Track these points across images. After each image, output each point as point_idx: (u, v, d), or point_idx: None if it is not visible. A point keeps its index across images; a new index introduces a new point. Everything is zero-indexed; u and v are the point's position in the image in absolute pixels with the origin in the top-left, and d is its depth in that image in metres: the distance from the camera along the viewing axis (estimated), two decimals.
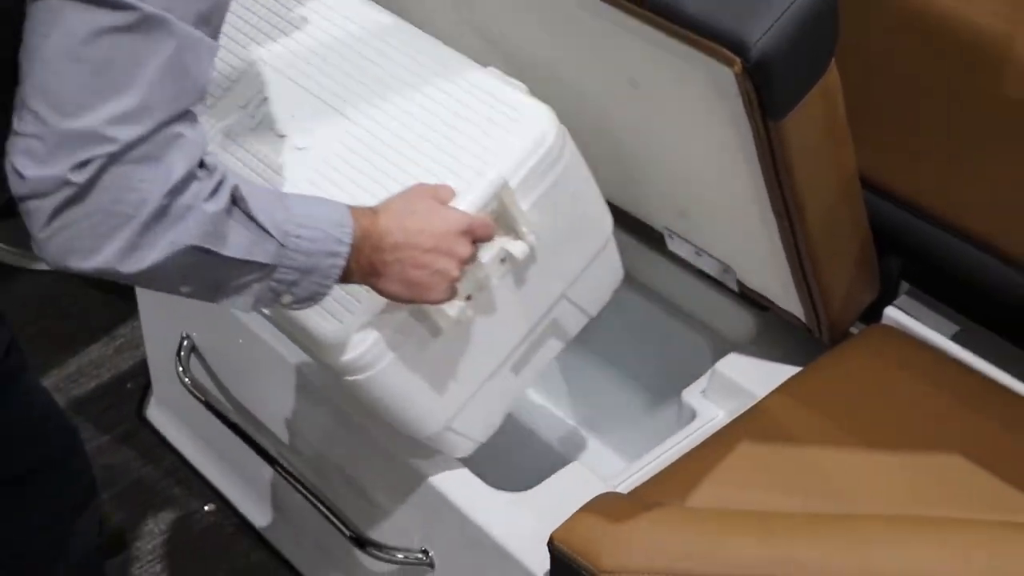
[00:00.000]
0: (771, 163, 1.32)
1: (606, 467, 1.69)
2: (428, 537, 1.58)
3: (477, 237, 1.31)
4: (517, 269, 1.44)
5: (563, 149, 1.42)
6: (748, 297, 1.66)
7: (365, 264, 1.23)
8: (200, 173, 1.07)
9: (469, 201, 1.32)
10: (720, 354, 1.66)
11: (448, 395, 1.47)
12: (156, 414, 2.10)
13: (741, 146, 1.33)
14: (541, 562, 1.37)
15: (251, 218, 1.12)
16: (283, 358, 1.68)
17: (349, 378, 1.40)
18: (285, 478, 1.74)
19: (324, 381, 1.64)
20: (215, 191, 1.09)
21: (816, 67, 1.27)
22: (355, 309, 1.35)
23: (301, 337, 1.43)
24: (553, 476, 1.50)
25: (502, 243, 1.39)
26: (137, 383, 2.16)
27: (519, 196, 1.38)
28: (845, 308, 1.57)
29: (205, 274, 1.13)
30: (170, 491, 2.03)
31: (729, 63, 1.21)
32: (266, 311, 1.46)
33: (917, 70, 1.46)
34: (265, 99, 1.48)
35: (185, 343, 1.87)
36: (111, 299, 2.29)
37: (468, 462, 1.54)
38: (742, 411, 1.53)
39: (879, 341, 1.59)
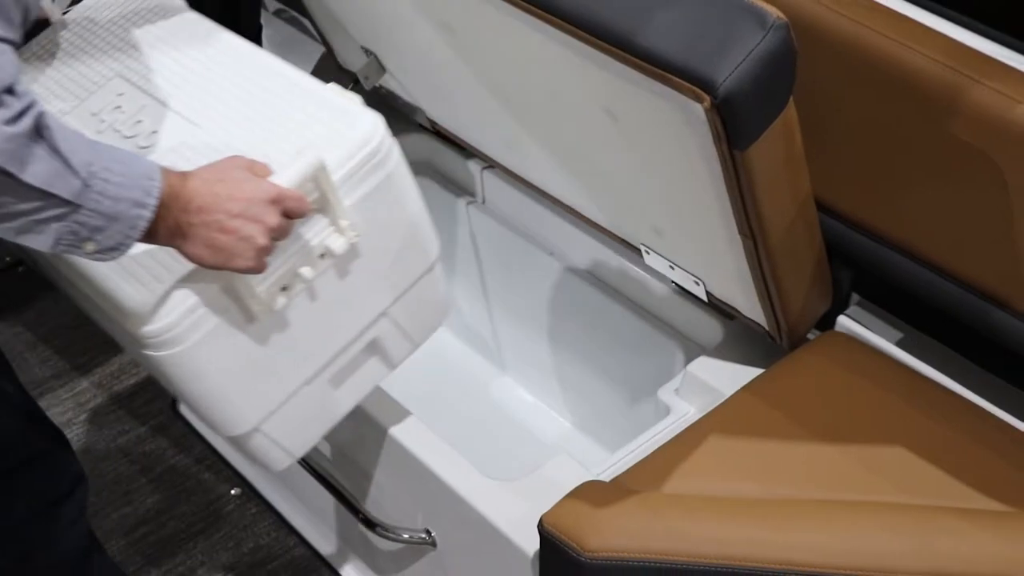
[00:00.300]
0: (736, 188, 1.32)
1: (590, 458, 1.68)
2: (431, 519, 1.58)
3: (288, 209, 1.19)
4: (337, 270, 1.32)
5: (388, 157, 1.33)
6: (716, 306, 1.66)
7: (172, 224, 1.13)
8: (5, 98, 1.01)
9: (285, 177, 1.20)
10: (691, 357, 1.66)
11: (260, 392, 1.34)
12: (188, 408, 2.09)
13: (710, 173, 1.33)
14: (531, 542, 1.37)
15: (55, 150, 1.05)
16: None
17: (154, 354, 1.24)
18: (303, 466, 1.75)
19: None
20: (19, 115, 1.02)
21: (776, 104, 1.27)
22: (165, 278, 1.22)
23: (108, 306, 1.27)
24: (543, 466, 1.50)
25: (322, 237, 1.28)
26: None
27: (342, 193, 1.27)
28: (802, 316, 1.57)
29: (3, 200, 1.04)
30: (200, 476, 2.03)
31: (699, 100, 1.20)
32: (76, 262, 1.29)
33: (864, 107, 1.46)
34: (118, 107, 1.40)
35: None
36: None
37: (466, 453, 1.53)
38: (711, 408, 1.52)
39: (832, 346, 1.58)
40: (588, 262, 1.86)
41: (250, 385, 1.32)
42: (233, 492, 1.97)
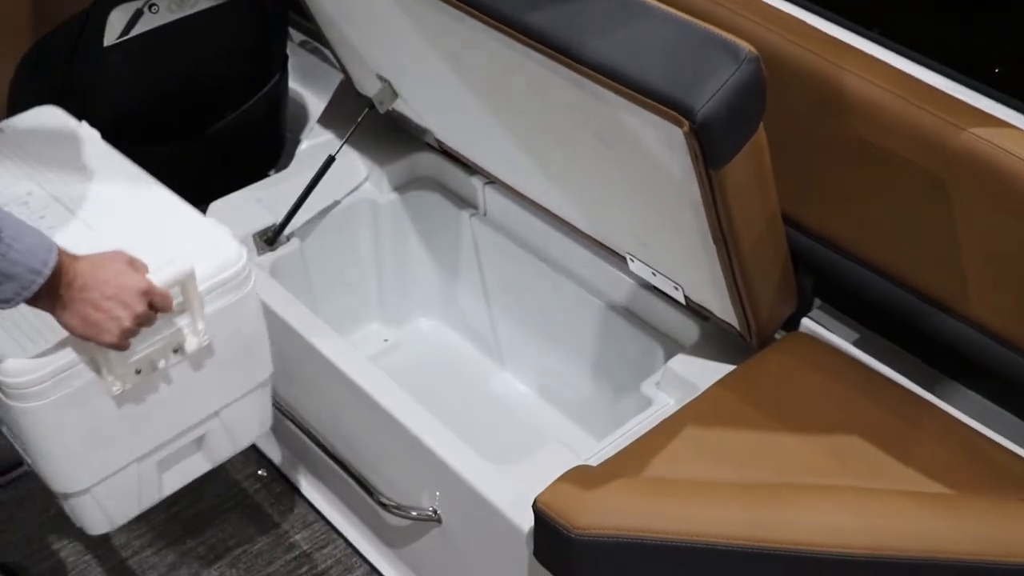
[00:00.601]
0: (712, 203, 1.32)
1: (580, 445, 1.68)
2: (437, 499, 1.57)
3: (154, 303, 1.24)
4: (185, 366, 1.37)
5: (246, 282, 1.39)
6: (693, 309, 1.65)
7: (55, 294, 1.18)
8: None
9: (159, 276, 1.26)
10: (671, 354, 1.66)
11: (98, 458, 1.35)
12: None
13: (688, 190, 1.33)
14: (527, 520, 1.37)
15: None
16: (320, 354, 1.67)
17: (14, 404, 1.27)
18: (322, 450, 1.74)
19: (353, 374, 1.63)
20: None
21: (748, 128, 1.28)
22: (39, 340, 1.26)
23: None
24: (537, 452, 1.49)
25: (179, 335, 1.34)
26: None
27: (207, 298, 1.34)
28: (770, 318, 1.57)
29: None
30: (232, 459, 2.01)
31: (679, 125, 1.21)
32: None
33: (825, 131, 1.46)
34: (24, 203, 1.45)
35: None
36: None
37: (468, 440, 1.52)
38: (688, 400, 1.52)
39: (796, 345, 1.58)
40: (579, 269, 1.85)
41: (91, 450, 1.34)
42: (260, 472, 1.96)
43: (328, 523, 1.87)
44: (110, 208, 1.45)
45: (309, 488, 1.91)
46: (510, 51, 1.37)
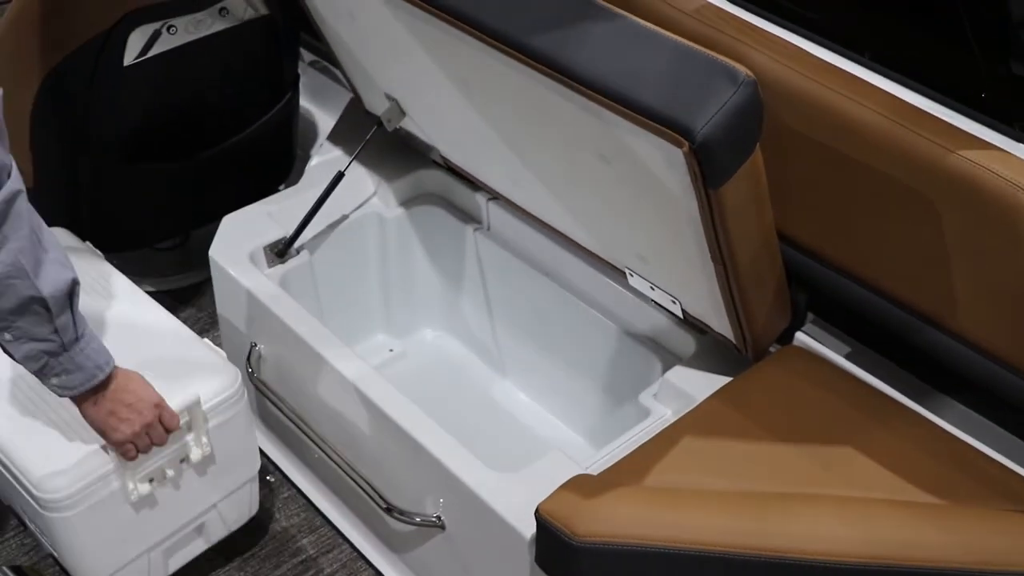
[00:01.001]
0: (710, 220, 1.33)
1: (580, 453, 1.68)
2: (441, 506, 1.57)
3: (164, 419, 1.45)
4: (190, 472, 1.58)
5: (240, 399, 1.60)
6: (690, 322, 1.66)
7: (96, 392, 1.38)
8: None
9: (172, 402, 1.48)
10: (668, 366, 1.66)
11: (116, 553, 1.56)
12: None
13: (687, 208, 1.34)
14: (529, 527, 1.38)
15: (74, 310, 1.32)
16: (328, 363, 1.67)
17: (45, 513, 1.46)
18: (328, 456, 1.75)
19: (360, 383, 1.64)
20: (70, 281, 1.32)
21: (745, 149, 1.28)
22: (68, 461, 1.45)
23: (17, 476, 1.48)
24: (539, 460, 1.49)
25: (185, 447, 1.54)
26: None
27: (209, 416, 1.55)
28: (765, 332, 1.57)
29: (29, 323, 1.28)
30: None
31: (679, 145, 1.22)
32: None
33: (820, 153, 1.47)
34: None
35: (254, 350, 1.87)
36: (198, 315, 2.29)
37: (471, 448, 1.53)
38: (685, 411, 1.53)
39: (791, 359, 1.59)
40: (579, 282, 1.86)
41: (110, 547, 1.55)
42: (269, 478, 1.96)
43: (334, 528, 1.87)
44: (117, 333, 1.63)
45: (315, 493, 1.91)
46: (515, 72, 1.38)
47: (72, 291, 1.32)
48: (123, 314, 1.67)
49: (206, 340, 1.65)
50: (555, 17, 1.31)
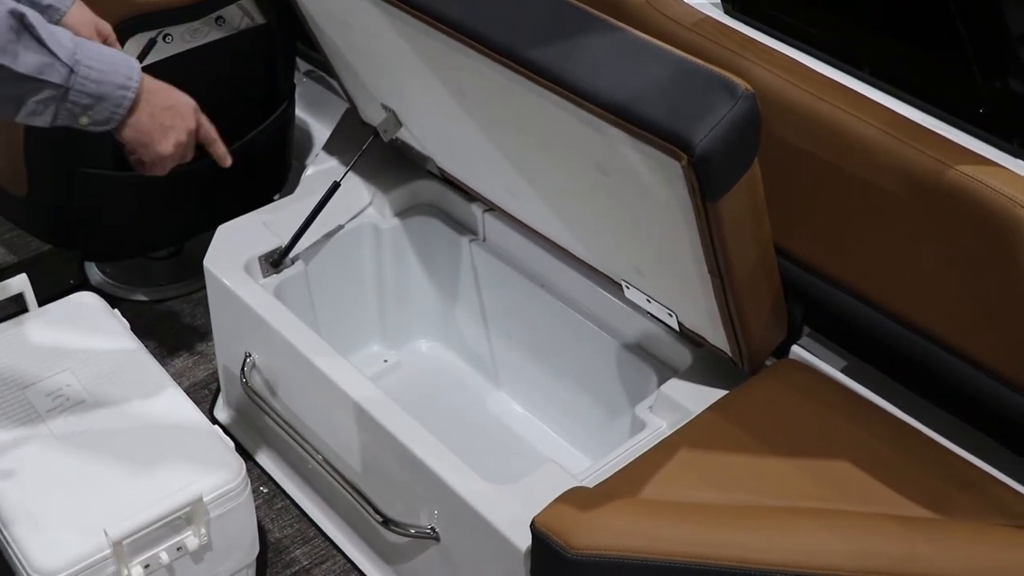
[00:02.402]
0: (707, 233, 1.32)
1: (576, 465, 1.67)
2: (435, 518, 1.56)
3: (201, 122, 1.32)
4: (187, 559, 1.59)
5: (244, 491, 1.61)
6: (686, 335, 1.66)
7: (132, 112, 1.22)
8: None
9: (176, 499, 1.52)
10: (664, 378, 1.65)
11: None
12: (222, 413, 2.08)
13: (685, 220, 1.34)
14: (524, 540, 1.37)
15: (41, 43, 1.11)
16: (322, 373, 1.66)
17: None
18: (322, 467, 1.74)
19: (354, 393, 1.63)
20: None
21: (743, 163, 1.28)
22: (66, 551, 1.47)
23: (20, 555, 1.49)
24: (534, 472, 1.48)
25: (184, 538, 1.56)
26: (210, 388, 2.15)
27: (209, 508, 1.56)
28: (761, 345, 1.57)
29: (4, 87, 1.11)
30: None
31: (678, 158, 1.21)
32: None
33: (818, 167, 1.47)
34: (72, 411, 1.67)
35: (248, 359, 1.86)
36: (193, 324, 2.28)
37: (466, 459, 1.52)
38: (681, 424, 1.52)
39: (787, 372, 1.58)
40: (575, 294, 1.86)
41: None
42: (261, 489, 1.95)
43: (328, 539, 1.86)
44: (131, 412, 1.67)
45: (309, 504, 1.90)
46: (513, 84, 1.37)
47: (15, 17, 1.10)
48: (141, 395, 1.70)
49: (217, 428, 1.66)
50: (553, 29, 1.31)
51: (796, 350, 1.61)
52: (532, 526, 1.32)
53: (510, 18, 1.34)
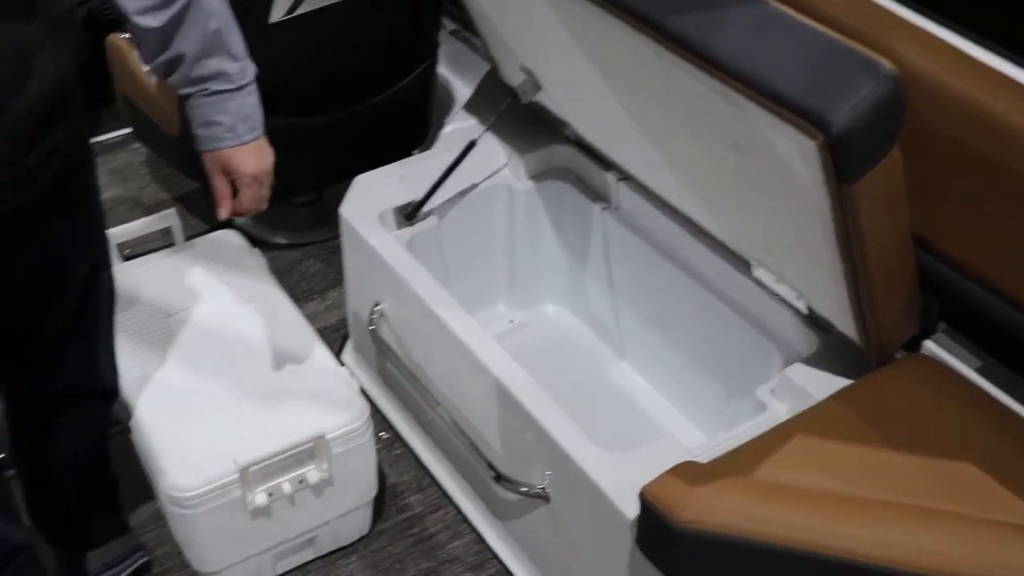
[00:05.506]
0: (841, 218, 1.31)
1: (691, 440, 1.68)
2: (547, 479, 1.60)
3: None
4: (308, 492, 1.68)
5: (366, 432, 1.69)
6: (814, 319, 1.64)
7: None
8: None
9: (298, 435, 1.62)
10: (788, 362, 1.64)
11: (229, 552, 1.69)
12: (350, 358, 2.16)
13: (818, 203, 1.32)
14: (632, 508, 1.39)
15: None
16: (448, 328, 1.71)
17: (174, 509, 1.61)
18: (441, 419, 1.79)
19: (478, 350, 1.67)
20: None
21: (882, 145, 1.26)
22: (201, 472, 1.59)
23: (158, 472, 1.62)
24: (649, 443, 1.50)
25: (306, 471, 1.65)
26: (339, 333, 2.22)
27: (331, 446, 1.64)
28: (891, 337, 1.53)
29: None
30: None
31: (813, 136, 1.20)
32: None
33: (965, 155, 1.42)
34: (205, 341, 1.80)
35: (376, 308, 1.92)
36: (327, 270, 2.37)
37: (583, 424, 1.55)
38: (802, 409, 1.51)
39: (917, 367, 1.55)
40: (704, 269, 1.85)
41: (225, 546, 1.68)
42: (381, 434, 2.02)
43: (441, 489, 1.92)
44: (264, 348, 1.77)
45: (426, 454, 1.96)
46: (653, 54, 1.38)
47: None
48: (275, 333, 1.79)
49: (344, 370, 1.75)
50: (696, 0, 1.31)
51: (929, 345, 1.57)
52: (641, 495, 1.34)
53: None
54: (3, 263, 1.29)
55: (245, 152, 1.35)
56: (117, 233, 1.98)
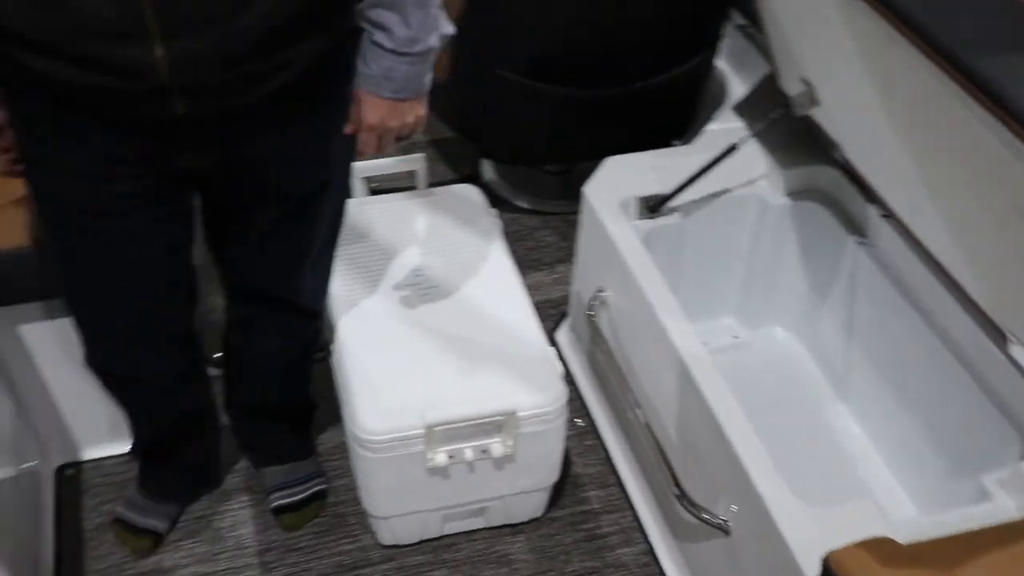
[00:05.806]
0: None
1: (896, 510, 1.56)
2: (732, 512, 1.54)
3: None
4: (488, 463, 1.68)
5: (559, 417, 1.66)
6: None
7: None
8: None
9: (490, 406, 1.61)
10: None
11: (401, 501, 1.71)
12: (563, 337, 2.15)
13: None
14: (812, 568, 1.31)
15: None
16: (666, 332, 1.66)
17: (359, 450, 1.64)
18: (638, 422, 1.75)
19: (690, 361, 1.62)
20: None
21: None
22: (395, 419, 1.60)
23: (352, 413, 1.65)
24: (848, 502, 1.41)
25: (491, 443, 1.65)
26: (558, 309, 2.22)
27: (521, 424, 1.63)
28: None
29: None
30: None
31: None
32: None
33: None
34: (428, 291, 1.80)
35: (599, 293, 1.90)
36: (561, 243, 2.36)
37: (781, 462, 1.47)
38: None
39: None
40: (955, 332, 1.70)
41: (398, 495, 1.71)
42: (577, 421, 2.01)
43: (624, 491, 1.89)
44: (478, 311, 1.77)
45: (617, 452, 1.94)
46: (947, 92, 1.26)
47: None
48: (492, 297, 1.79)
49: (552, 351, 1.72)
50: (1008, 42, 1.18)
51: None
52: (825, 560, 1.25)
53: (963, 20, 1.22)
54: (235, 152, 1.33)
55: (375, 104, 1.36)
56: (364, 167, 2.03)
